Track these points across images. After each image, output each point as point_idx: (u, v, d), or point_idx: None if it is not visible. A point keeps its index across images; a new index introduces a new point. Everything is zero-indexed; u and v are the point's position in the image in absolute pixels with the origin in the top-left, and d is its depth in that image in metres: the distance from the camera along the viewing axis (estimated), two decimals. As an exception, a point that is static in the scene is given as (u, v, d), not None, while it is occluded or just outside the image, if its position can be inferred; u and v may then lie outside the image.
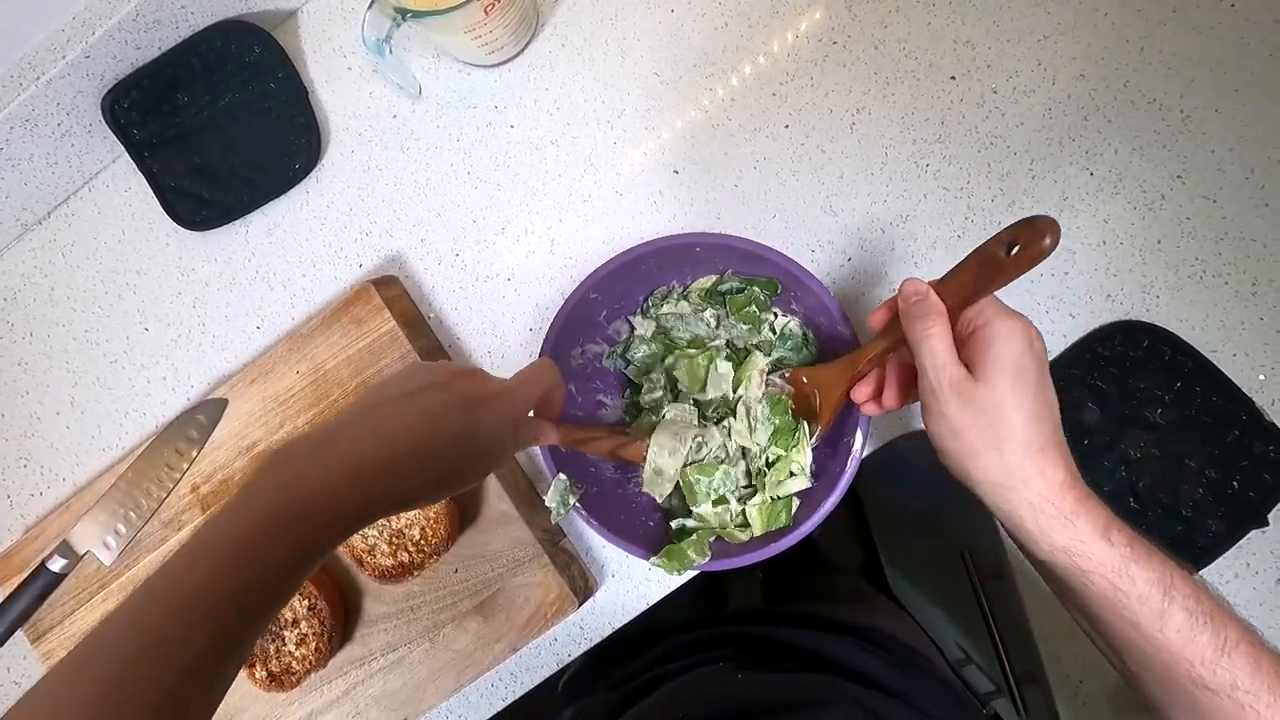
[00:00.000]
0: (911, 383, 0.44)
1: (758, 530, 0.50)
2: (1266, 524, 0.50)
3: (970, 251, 0.40)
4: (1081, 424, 0.52)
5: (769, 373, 0.51)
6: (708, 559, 0.49)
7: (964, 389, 0.38)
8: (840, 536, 1.17)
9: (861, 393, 0.46)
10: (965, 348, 0.40)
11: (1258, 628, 0.36)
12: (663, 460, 0.50)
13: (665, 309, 0.54)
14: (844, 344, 0.49)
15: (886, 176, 0.56)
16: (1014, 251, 0.37)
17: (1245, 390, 0.51)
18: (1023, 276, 0.38)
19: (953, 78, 0.56)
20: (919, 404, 0.45)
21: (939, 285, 0.41)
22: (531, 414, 0.45)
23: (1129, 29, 0.54)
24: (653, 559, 0.48)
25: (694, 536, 0.49)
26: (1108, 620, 0.37)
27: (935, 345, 0.39)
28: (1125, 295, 0.53)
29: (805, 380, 0.50)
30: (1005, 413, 0.37)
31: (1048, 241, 0.36)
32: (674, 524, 0.52)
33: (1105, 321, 0.53)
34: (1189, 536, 0.50)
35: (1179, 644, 0.35)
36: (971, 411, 0.38)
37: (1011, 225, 0.38)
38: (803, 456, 0.50)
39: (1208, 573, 0.50)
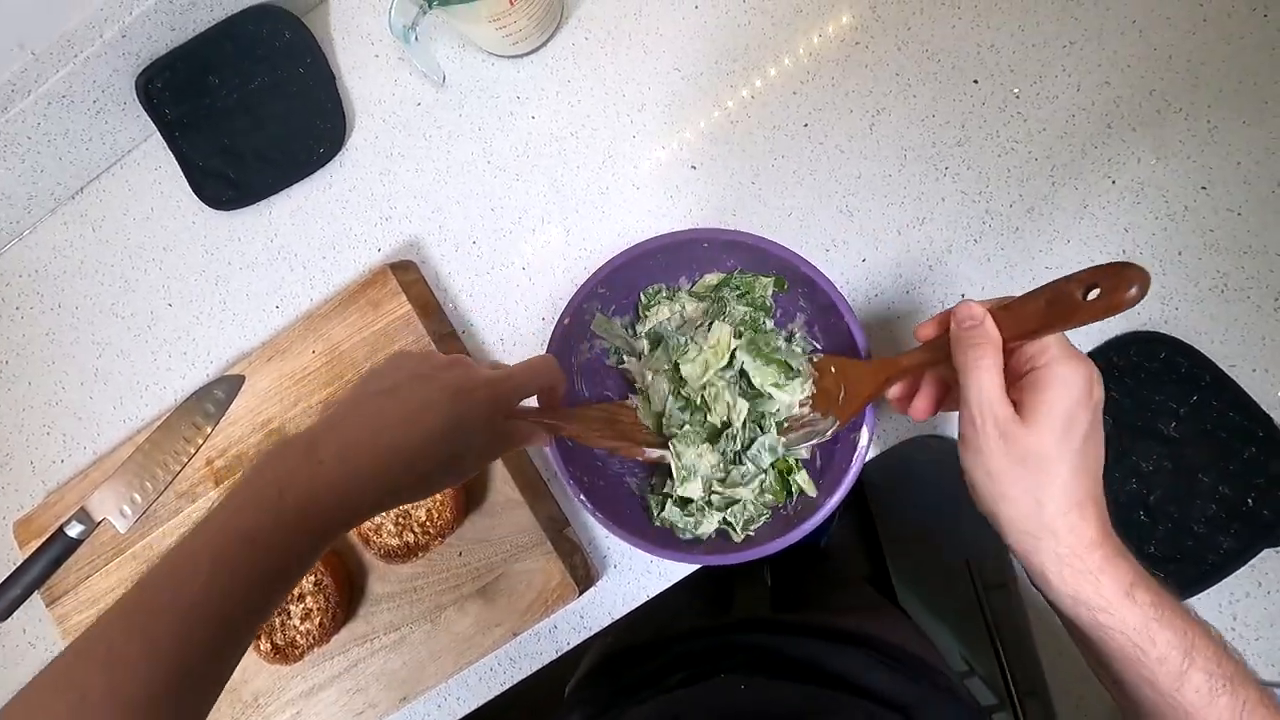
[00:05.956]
0: (945, 397, 0.44)
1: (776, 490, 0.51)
2: (1280, 543, 0.49)
3: (1042, 285, 0.37)
4: (1093, 434, 0.51)
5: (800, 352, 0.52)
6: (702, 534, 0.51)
7: (1009, 431, 0.36)
8: (849, 546, 1.16)
9: (892, 391, 0.45)
10: (1017, 384, 0.38)
11: (1277, 692, 0.35)
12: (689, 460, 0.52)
13: (651, 319, 0.54)
14: (849, 342, 0.48)
15: (905, 179, 0.56)
16: (1092, 295, 0.34)
17: (1264, 407, 0.50)
18: (1035, 283, 0.37)
19: (975, 81, 0.56)
20: (942, 413, 0.44)
21: (998, 312, 0.38)
22: (536, 404, 0.45)
23: (1157, 37, 0.54)
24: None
25: (681, 509, 0.51)
26: (1125, 675, 0.36)
27: (984, 379, 0.37)
28: (1143, 305, 0.51)
29: (834, 370, 0.49)
30: (1048, 464, 0.36)
31: (1134, 293, 0.33)
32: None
33: (1122, 331, 0.52)
34: (1199, 552, 0.49)
35: (1196, 706, 0.34)
36: (1013, 456, 0.36)
37: (1095, 267, 0.34)
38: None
39: (1216, 590, 0.50)
